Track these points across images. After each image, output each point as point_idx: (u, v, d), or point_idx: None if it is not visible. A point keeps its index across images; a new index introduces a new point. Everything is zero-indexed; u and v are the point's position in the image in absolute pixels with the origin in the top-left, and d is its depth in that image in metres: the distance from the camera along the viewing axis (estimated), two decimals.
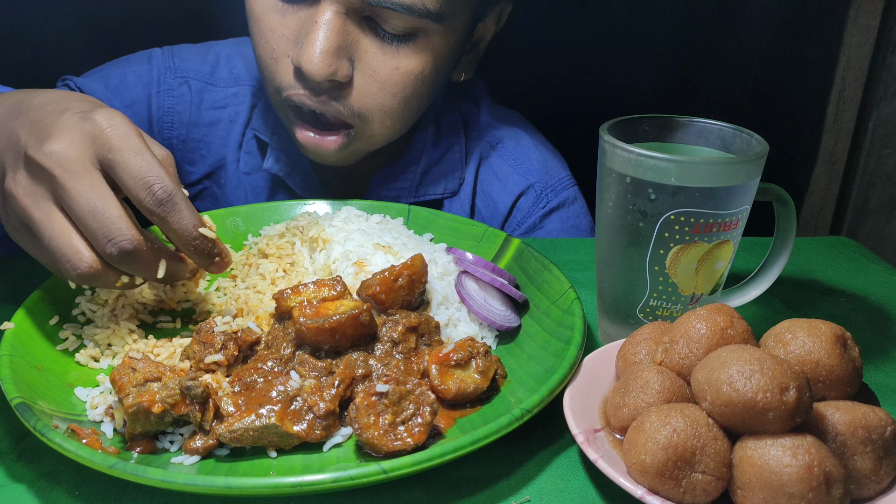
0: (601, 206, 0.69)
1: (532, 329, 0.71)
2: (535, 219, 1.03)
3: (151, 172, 0.58)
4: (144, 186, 0.57)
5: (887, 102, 1.29)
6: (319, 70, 0.77)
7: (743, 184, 0.63)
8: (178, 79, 1.01)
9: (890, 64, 1.27)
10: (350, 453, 0.57)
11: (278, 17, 0.81)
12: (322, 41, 0.76)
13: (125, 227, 0.57)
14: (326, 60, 0.77)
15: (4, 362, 0.59)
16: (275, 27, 0.81)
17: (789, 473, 0.47)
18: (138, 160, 0.57)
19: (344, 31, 0.78)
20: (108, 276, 0.60)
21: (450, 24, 0.82)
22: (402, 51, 0.81)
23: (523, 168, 1.03)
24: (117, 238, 0.56)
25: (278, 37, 0.81)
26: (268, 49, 0.82)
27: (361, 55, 0.81)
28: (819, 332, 0.55)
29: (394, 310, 0.66)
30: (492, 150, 1.04)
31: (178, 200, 0.59)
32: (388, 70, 0.81)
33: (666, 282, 0.66)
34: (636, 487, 0.51)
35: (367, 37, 0.80)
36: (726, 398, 0.50)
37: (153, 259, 0.60)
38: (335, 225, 0.79)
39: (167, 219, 0.59)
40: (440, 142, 1.02)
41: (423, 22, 0.79)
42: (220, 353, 0.61)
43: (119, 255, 0.57)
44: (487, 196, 1.04)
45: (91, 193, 0.56)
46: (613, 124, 0.69)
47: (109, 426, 0.57)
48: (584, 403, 0.59)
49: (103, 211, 0.56)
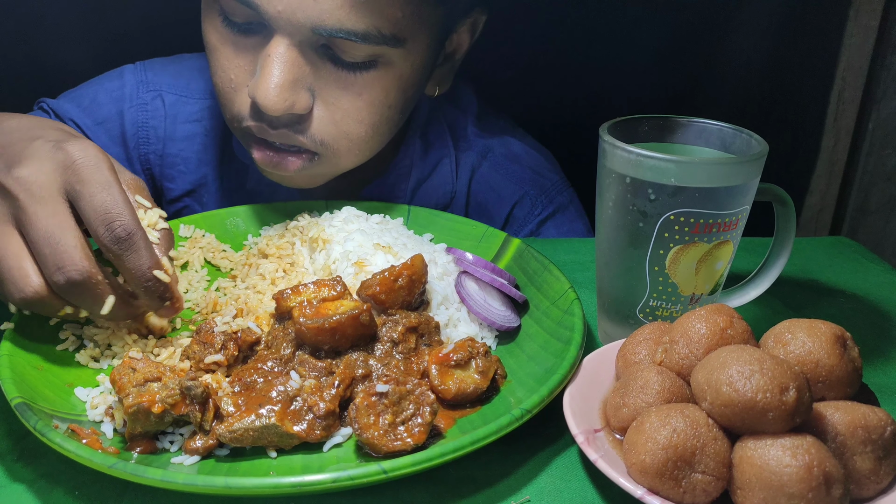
0: (601, 206, 0.69)
1: (532, 329, 0.71)
2: (532, 227, 1.02)
3: (115, 209, 0.57)
4: (105, 222, 0.57)
5: (887, 103, 1.29)
6: (275, 105, 0.73)
7: (743, 184, 0.63)
8: (150, 92, 0.99)
9: (890, 64, 1.27)
10: (350, 453, 0.57)
11: (233, 49, 0.77)
12: (277, 76, 0.73)
13: (78, 258, 0.56)
14: (282, 95, 0.73)
15: (4, 362, 0.59)
16: (230, 58, 0.78)
17: (789, 473, 0.47)
18: (103, 195, 0.57)
19: (299, 63, 0.74)
20: (52, 305, 0.59)
21: (411, 46, 0.78)
22: (362, 79, 0.77)
23: (515, 177, 1.02)
24: (67, 267, 0.56)
25: (235, 67, 0.78)
26: (225, 79, 0.79)
27: (321, 85, 0.77)
28: (819, 333, 0.55)
29: (394, 310, 0.66)
30: (483, 161, 1.03)
31: (136, 240, 0.58)
32: (350, 98, 0.78)
33: (666, 282, 0.66)
34: (636, 487, 0.51)
35: (326, 66, 0.76)
36: (726, 398, 0.50)
37: (100, 294, 0.59)
38: (335, 225, 0.79)
39: (122, 257, 0.59)
40: (429, 155, 1.00)
41: (381, 49, 0.75)
42: (220, 354, 0.61)
43: (66, 284, 0.57)
44: (482, 207, 1.03)
45: (51, 220, 0.57)
46: (613, 124, 0.69)
47: (109, 426, 0.57)
48: (583, 403, 0.59)
49: (59, 239, 0.56)
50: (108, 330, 0.68)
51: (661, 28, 1.36)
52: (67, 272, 0.56)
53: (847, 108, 1.32)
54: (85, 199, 0.57)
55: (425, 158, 1.00)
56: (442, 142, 1.01)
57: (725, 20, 1.40)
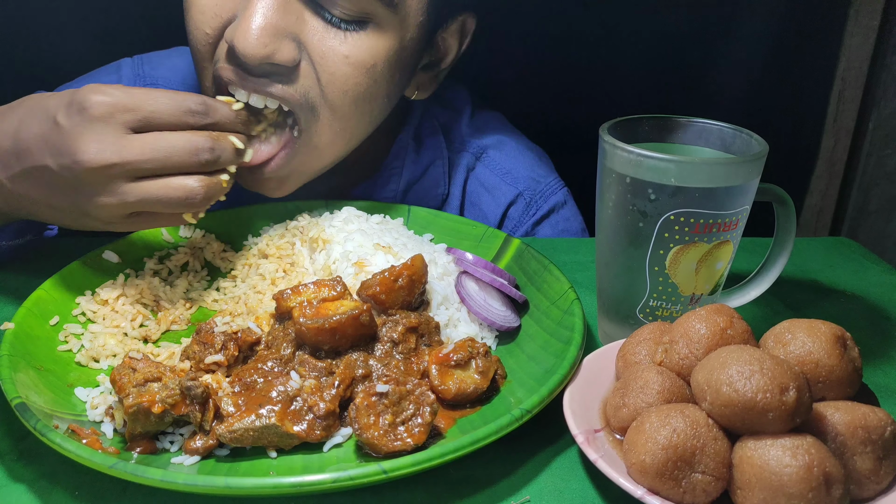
0: (601, 206, 0.69)
1: (532, 329, 0.71)
2: (527, 227, 1.02)
3: (177, 98, 0.68)
4: (181, 108, 0.68)
5: (887, 103, 1.29)
6: (254, 49, 0.69)
7: (743, 184, 0.63)
8: (147, 86, 0.99)
9: (890, 64, 1.27)
10: (350, 453, 0.57)
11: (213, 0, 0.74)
12: (259, 17, 0.69)
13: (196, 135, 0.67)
14: (262, 39, 0.69)
15: (4, 362, 0.59)
16: (208, 7, 0.74)
17: (789, 474, 0.47)
18: (160, 98, 0.67)
19: (286, 9, 0.71)
20: (215, 183, 0.69)
21: (403, 15, 0.76)
22: (351, 38, 0.74)
23: (510, 177, 1.02)
24: (200, 143, 0.67)
25: (210, 18, 0.74)
26: (200, 36, 0.75)
27: (307, 38, 0.74)
28: (819, 333, 0.55)
29: (394, 310, 0.66)
30: (477, 161, 1.02)
31: (210, 102, 0.70)
32: (337, 58, 0.74)
33: (666, 282, 0.66)
34: (636, 488, 0.51)
35: (315, 20, 0.73)
36: (726, 398, 0.50)
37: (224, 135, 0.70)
38: (335, 225, 0.79)
39: (211, 115, 0.70)
40: (421, 157, 1.00)
41: (372, 4, 0.73)
42: (220, 354, 0.61)
43: (199, 107, 0.68)
44: (476, 208, 1.02)
45: (145, 146, 0.65)
46: (613, 124, 0.69)
47: (109, 426, 0.57)
48: (583, 404, 0.59)
49: (169, 140, 0.66)
50: (108, 330, 0.68)
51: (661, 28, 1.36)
52: (194, 102, 0.68)
53: (847, 108, 1.32)
54: (153, 115, 0.66)
55: (417, 160, 0.99)
56: (435, 143, 1.01)
57: (726, 20, 1.40)
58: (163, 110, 0.66)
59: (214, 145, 0.68)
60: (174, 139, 0.66)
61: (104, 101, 0.64)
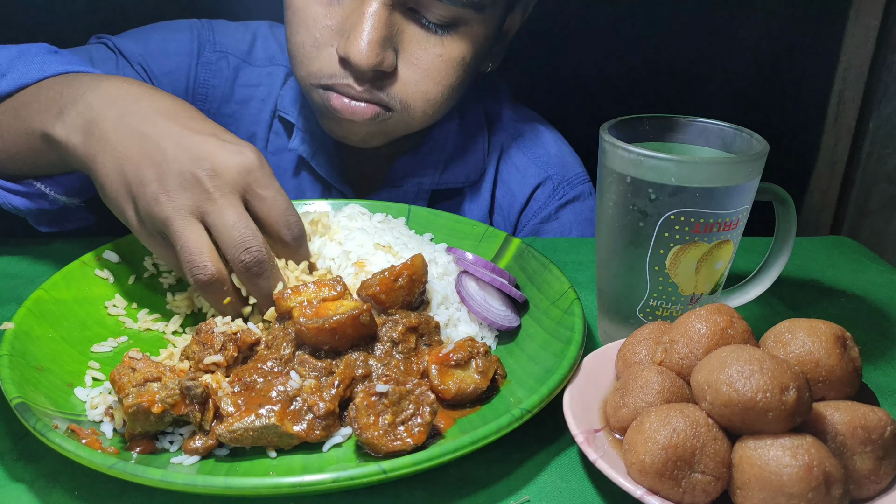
0: (601, 206, 0.69)
1: (532, 329, 0.71)
2: (552, 209, 1.05)
3: (291, 209, 0.68)
4: (284, 220, 0.67)
5: (887, 102, 1.29)
6: (367, 60, 0.81)
7: (743, 184, 0.63)
8: (217, 53, 1.03)
9: (890, 64, 1.27)
10: (350, 453, 0.57)
11: (322, 9, 0.84)
12: (370, 32, 0.80)
13: (261, 241, 0.65)
14: (374, 50, 0.81)
15: (4, 362, 0.59)
16: (318, 17, 0.85)
17: (789, 473, 0.47)
18: (281, 199, 0.67)
19: (389, 21, 0.82)
20: (222, 292, 0.65)
21: (489, 13, 0.87)
22: (444, 39, 0.85)
23: (541, 160, 1.06)
24: (254, 247, 0.64)
25: (321, 27, 0.85)
26: (309, 38, 0.85)
27: (405, 45, 0.85)
28: (819, 333, 0.55)
29: (394, 310, 0.66)
30: (512, 143, 1.07)
31: (303, 234, 0.70)
32: (430, 58, 0.86)
33: (666, 282, 0.66)
34: (636, 488, 0.51)
35: (411, 27, 0.84)
36: (726, 398, 0.50)
37: (275, 275, 0.67)
38: (339, 221, 0.79)
39: (296, 248, 0.70)
40: (463, 133, 1.04)
41: (465, 11, 0.83)
42: (219, 354, 0.61)
43: (253, 262, 0.64)
44: (506, 186, 1.06)
45: (239, 209, 0.65)
46: (614, 124, 0.69)
47: (109, 426, 0.57)
48: (583, 403, 0.59)
49: (246, 224, 0.64)
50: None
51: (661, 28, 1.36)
52: (254, 252, 0.64)
53: (847, 107, 1.32)
54: (267, 203, 0.66)
55: (460, 135, 1.04)
56: (477, 122, 1.06)
57: (726, 20, 1.40)
58: (271, 213, 0.67)
59: (266, 265, 0.66)
60: (252, 227, 0.65)
61: (260, 163, 0.66)
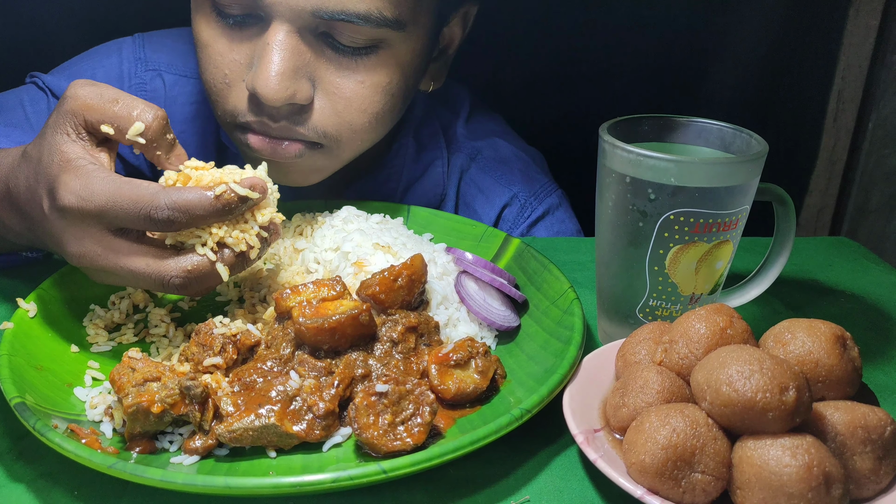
0: (601, 206, 0.69)
1: (532, 329, 0.71)
2: (522, 229, 1.02)
3: (146, 203, 0.58)
4: (148, 220, 0.58)
5: (887, 102, 1.29)
6: (276, 94, 0.71)
7: (743, 184, 0.63)
8: (150, 72, 0.95)
9: (890, 64, 1.27)
10: (349, 453, 0.57)
11: (227, 43, 0.75)
12: (278, 63, 0.71)
13: (170, 271, 0.60)
14: (283, 83, 0.71)
15: (4, 362, 0.59)
16: (224, 52, 0.76)
17: (789, 473, 0.47)
18: (126, 205, 0.58)
19: (299, 49, 0.72)
20: (204, 273, 0.61)
21: (412, 31, 0.77)
22: (363, 64, 0.76)
23: (505, 178, 1.01)
24: (172, 277, 0.60)
25: (229, 62, 0.76)
26: (219, 74, 0.77)
27: (321, 73, 0.75)
28: (819, 332, 0.55)
29: (393, 310, 0.66)
30: (472, 163, 1.02)
31: (179, 204, 0.59)
32: (351, 85, 0.76)
33: (665, 282, 0.66)
34: (636, 487, 0.51)
35: (326, 53, 0.75)
36: (726, 398, 0.50)
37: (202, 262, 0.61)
38: (335, 225, 0.79)
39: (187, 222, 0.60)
40: (421, 156, 0.99)
41: (382, 31, 0.73)
42: (218, 356, 0.61)
43: (185, 283, 0.60)
44: (470, 209, 1.02)
45: (127, 260, 0.60)
46: (613, 124, 0.69)
47: (109, 426, 0.57)
48: (583, 403, 0.59)
49: (144, 269, 0.60)
50: None
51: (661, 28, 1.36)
52: (177, 280, 0.60)
53: (847, 107, 1.32)
54: (126, 222, 0.59)
55: (418, 159, 0.99)
56: (435, 143, 1.01)
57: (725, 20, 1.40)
58: (127, 218, 0.58)
59: (186, 281, 0.61)
60: (137, 267, 0.60)
61: (72, 205, 0.58)
